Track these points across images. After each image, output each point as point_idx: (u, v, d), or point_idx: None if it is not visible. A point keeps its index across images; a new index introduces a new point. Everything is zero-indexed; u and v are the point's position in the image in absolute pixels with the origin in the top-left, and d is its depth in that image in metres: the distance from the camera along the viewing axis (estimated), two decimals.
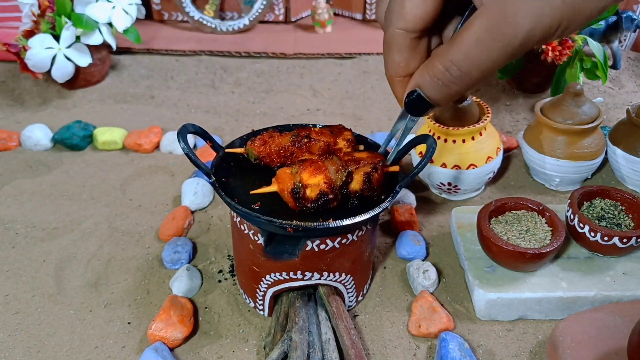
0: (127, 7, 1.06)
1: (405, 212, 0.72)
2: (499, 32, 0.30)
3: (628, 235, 0.57)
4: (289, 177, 0.48)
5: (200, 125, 0.54)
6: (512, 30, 0.29)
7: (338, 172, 0.48)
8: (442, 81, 0.34)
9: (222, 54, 1.24)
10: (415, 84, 0.36)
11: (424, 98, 0.36)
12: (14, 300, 0.61)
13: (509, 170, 0.84)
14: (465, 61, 0.32)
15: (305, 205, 0.47)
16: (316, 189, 0.47)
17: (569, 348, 0.50)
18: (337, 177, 0.48)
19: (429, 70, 0.34)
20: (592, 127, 0.72)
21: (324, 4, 1.31)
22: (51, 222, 0.73)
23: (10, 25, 1.17)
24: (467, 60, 0.32)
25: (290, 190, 0.47)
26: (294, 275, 0.53)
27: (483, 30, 0.30)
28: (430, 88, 0.35)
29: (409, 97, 0.36)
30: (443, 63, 0.33)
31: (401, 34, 0.35)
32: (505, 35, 0.29)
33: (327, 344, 0.52)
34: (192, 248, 0.67)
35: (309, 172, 0.47)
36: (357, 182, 0.49)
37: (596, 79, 0.92)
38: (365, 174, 0.49)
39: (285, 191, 0.47)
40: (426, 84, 0.35)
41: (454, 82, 0.33)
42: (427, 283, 0.61)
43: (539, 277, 0.58)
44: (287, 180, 0.47)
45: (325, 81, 1.13)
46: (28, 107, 1.03)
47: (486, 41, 0.30)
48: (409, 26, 0.35)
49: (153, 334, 0.55)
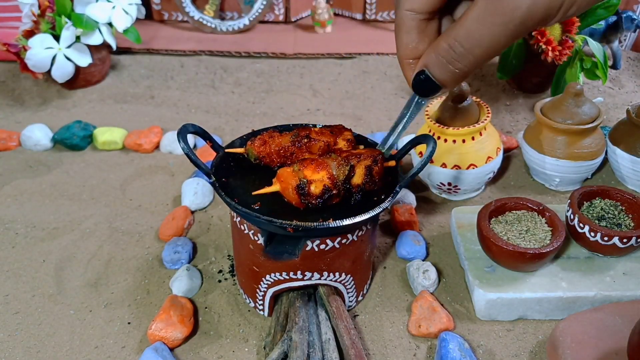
0: (127, 7, 1.06)
1: (405, 212, 0.72)
2: (499, 8, 0.30)
3: (628, 235, 0.57)
4: (292, 175, 0.47)
5: (200, 125, 0.54)
6: (511, 6, 0.29)
7: (340, 167, 0.48)
8: (447, 59, 0.34)
9: (222, 54, 1.24)
10: (423, 64, 0.36)
11: (431, 78, 0.36)
12: (14, 300, 0.61)
13: (509, 170, 0.84)
14: (467, 38, 0.32)
15: (310, 201, 0.47)
16: (320, 185, 0.47)
17: (569, 348, 0.50)
18: (339, 172, 0.48)
19: (435, 49, 0.35)
20: (592, 127, 0.72)
21: (324, 4, 1.31)
22: (51, 222, 0.73)
23: (10, 25, 1.17)
24: (468, 37, 0.32)
25: (296, 186, 0.47)
26: (294, 275, 0.53)
27: (484, 8, 0.30)
28: (436, 67, 0.35)
29: (417, 78, 0.37)
30: (447, 41, 0.33)
31: (409, 15, 0.36)
32: (505, 11, 0.30)
33: (327, 344, 0.52)
34: (192, 248, 0.67)
35: (312, 169, 0.48)
36: (358, 175, 0.49)
37: (596, 79, 0.92)
38: (366, 167, 0.49)
39: (290, 189, 0.47)
40: (432, 62, 0.35)
41: (458, 60, 0.34)
42: (427, 283, 0.61)
43: (539, 277, 0.58)
44: (290, 178, 0.47)
45: (325, 81, 1.13)
46: (28, 107, 1.03)
47: (486, 18, 0.31)
48: (417, 7, 0.35)
49: (153, 334, 0.55)
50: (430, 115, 0.73)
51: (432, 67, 0.36)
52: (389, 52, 1.22)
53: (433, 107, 0.74)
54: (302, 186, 0.47)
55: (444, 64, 0.34)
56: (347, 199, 0.50)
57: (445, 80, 0.36)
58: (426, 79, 0.36)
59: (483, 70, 1.12)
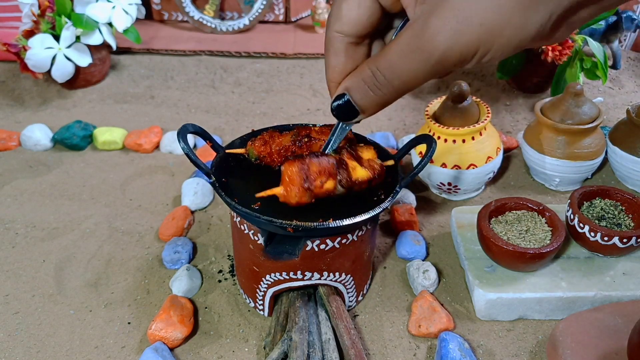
0: (127, 7, 1.06)
1: (405, 212, 0.72)
2: (419, 46, 0.30)
3: (628, 235, 0.57)
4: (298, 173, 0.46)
5: (200, 125, 0.54)
6: (429, 46, 0.30)
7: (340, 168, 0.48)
8: (369, 85, 0.34)
9: (222, 54, 1.24)
10: (345, 87, 0.36)
11: (352, 103, 0.36)
12: (14, 300, 0.61)
13: (509, 170, 0.84)
14: (389, 69, 0.33)
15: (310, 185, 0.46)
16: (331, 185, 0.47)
17: (569, 348, 0.50)
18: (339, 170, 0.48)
19: (359, 74, 0.35)
20: (592, 127, 0.72)
21: (324, 4, 1.31)
22: (51, 222, 0.73)
23: (10, 25, 1.17)
24: (390, 68, 0.32)
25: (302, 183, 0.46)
26: (294, 275, 0.53)
27: (406, 43, 0.31)
28: (358, 91, 0.35)
29: (338, 101, 0.37)
30: (371, 67, 0.34)
31: (338, 37, 0.36)
32: (424, 51, 0.30)
33: (327, 344, 0.52)
34: (192, 248, 0.67)
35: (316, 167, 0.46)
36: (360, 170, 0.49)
37: (596, 79, 0.92)
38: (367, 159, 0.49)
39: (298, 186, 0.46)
40: (354, 87, 0.35)
41: (379, 88, 0.34)
42: (427, 283, 0.61)
43: (539, 277, 0.58)
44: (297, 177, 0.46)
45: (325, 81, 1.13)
46: (28, 107, 1.03)
47: (407, 53, 0.31)
48: (345, 29, 0.36)
49: (153, 334, 0.55)
50: (430, 115, 0.73)
51: (353, 91, 0.36)
52: None
53: (433, 107, 0.74)
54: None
55: (366, 89, 0.35)
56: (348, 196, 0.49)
57: (364, 106, 0.36)
58: (346, 103, 0.36)
59: (483, 70, 1.12)
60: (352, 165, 0.48)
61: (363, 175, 0.48)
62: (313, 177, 0.46)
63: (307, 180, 0.46)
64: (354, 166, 0.48)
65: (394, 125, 0.97)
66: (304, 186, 0.46)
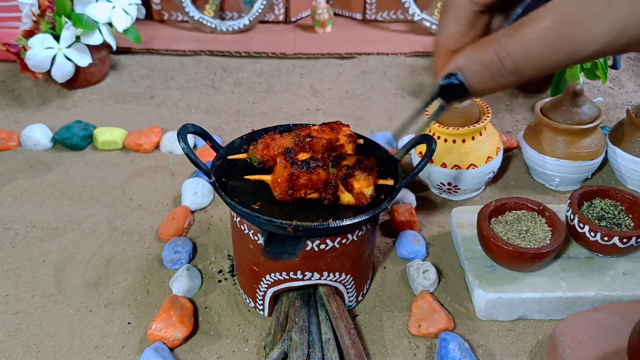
0: (127, 7, 1.06)
1: (405, 212, 0.72)
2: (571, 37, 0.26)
3: (628, 235, 0.57)
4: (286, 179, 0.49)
5: (200, 125, 0.54)
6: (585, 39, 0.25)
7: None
8: (492, 71, 0.29)
9: (222, 54, 1.24)
10: (458, 67, 0.31)
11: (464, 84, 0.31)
12: (14, 300, 0.61)
13: (509, 170, 0.84)
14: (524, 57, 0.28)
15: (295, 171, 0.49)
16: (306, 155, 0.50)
17: (569, 348, 0.49)
18: None
19: (479, 55, 0.30)
20: (592, 127, 0.72)
21: (324, 4, 1.31)
22: (51, 222, 0.73)
23: (10, 25, 1.17)
24: (526, 56, 0.28)
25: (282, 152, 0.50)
26: (294, 275, 0.53)
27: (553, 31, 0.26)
28: (475, 75, 0.30)
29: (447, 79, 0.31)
30: (498, 52, 0.29)
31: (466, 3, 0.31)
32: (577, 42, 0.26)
33: (327, 344, 0.52)
34: (192, 248, 0.67)
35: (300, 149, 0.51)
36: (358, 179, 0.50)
37: (596, 79, 0.92)
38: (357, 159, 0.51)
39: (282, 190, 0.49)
40: (472, 69, 0.30)
41: (505, 75, 0.29)
42: (427, 283, 0.61)
43: (539, 277, 0.58)
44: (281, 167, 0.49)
45: (325, 81, 1.13)
46: (28, 107, 1.03)
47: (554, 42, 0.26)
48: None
49: (153, 334, 0.55)
50: (431, 115, 0.72)
51: (470, 73, 0.30)
52: (389, 52, 1.22)
53: (433, 107, 0.74)
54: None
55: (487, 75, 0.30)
56: None
57: (479, 90, 0.31)
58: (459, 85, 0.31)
59: None
60: (342, 189, 0.50)
61: (349, 200, 0.50)
62: (298, 187, 0.49)
63: (292, 188, 0.49)
64: (343, 190, 0.49)
65: (394, 125, 0.97)
66: (288, 192, 0.49)
